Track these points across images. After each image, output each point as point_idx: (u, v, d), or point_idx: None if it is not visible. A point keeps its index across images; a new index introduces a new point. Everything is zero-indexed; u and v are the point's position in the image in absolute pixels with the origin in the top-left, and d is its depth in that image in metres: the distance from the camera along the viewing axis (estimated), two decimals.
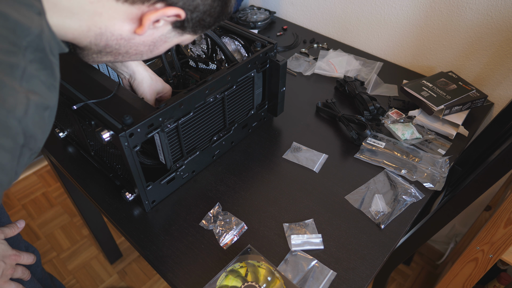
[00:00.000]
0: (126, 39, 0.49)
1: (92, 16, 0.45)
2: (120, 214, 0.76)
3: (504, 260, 0.92)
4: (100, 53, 0.51)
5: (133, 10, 0.46)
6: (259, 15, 1.40)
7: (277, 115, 0.94)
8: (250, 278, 0.63)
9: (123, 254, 1.63)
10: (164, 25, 0.49)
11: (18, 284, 0.72)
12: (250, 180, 0.83)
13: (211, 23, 0.53)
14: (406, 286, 1.51)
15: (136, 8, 0.46)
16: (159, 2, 0.46)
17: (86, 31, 0.46)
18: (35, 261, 1.01)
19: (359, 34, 1.27)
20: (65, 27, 0.44)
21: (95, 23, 0.45)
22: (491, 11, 0.97)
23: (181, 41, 0.55)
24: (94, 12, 0.44)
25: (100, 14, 0.45)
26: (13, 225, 0.73)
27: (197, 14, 0.50)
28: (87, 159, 0.86)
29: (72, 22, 0.44)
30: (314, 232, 0.72)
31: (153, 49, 0.53)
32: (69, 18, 0.43)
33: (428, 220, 0.92)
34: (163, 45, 0.53)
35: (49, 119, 0.43)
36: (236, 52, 0.89)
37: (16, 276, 0.72)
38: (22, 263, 0.73)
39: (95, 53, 0.51)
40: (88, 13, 0.44)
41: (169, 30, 0.51)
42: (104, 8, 0.44)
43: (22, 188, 1.90)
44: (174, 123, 0.68)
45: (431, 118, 0.96)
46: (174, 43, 0.54)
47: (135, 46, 0.51)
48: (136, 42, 0.50)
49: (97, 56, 0.52)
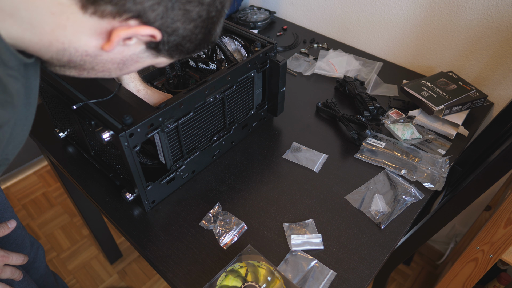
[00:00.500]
0: (92, 55, 0.44)
1: (54, 29, 0.39)
2: (120, 214, 0.76)
3: (504, 260, 0.92)
4: (63, 67, 0.46)
5: (103, 24, 0.40)
6: (259, 15, 1.40)
7: (277, 115, 0.94)
8: (250, 278, 0.63)
9: (123, 254, 1.63)
10: (136, 44, 0.44)
11: (6, 286, 0.72)
12: (250, 180, 0.83)
13: (191, 49, 0.48)
14: (406, 286, 1.51)
15: (106, 22, 0.40)
16: (132, 18, 0.40)
17: (48, 46, 0.41)
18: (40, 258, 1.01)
19: (359, 34, 1.27)
20: (24, 41, 0.40)
21: (57, 38, 0.40)
22: (491, 11, 0.97)
23: (155, 63, 0.50)
24: (57, 25, 0.39)
25: (63, 27, 0.39)
26: (4, 225, 0.72)
27: (175, 38, 0.44)
28: (87, 159, 0.86)
29: (32, 35, 0.39)
30: (314, 232, 0.72)
31: (122, 68, 0.48)
32: (28, 31, 0.39)
33: (428, 220, 0.92)
34: (134, 65, 0.48)
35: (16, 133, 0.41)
36: (236, 52, 0.89)
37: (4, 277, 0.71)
38: (11, 263, 0.72)
39: (58, 66, 0.46)
40: (50, 25, 0.39)
41: (142, 50, 0.45)
42: (68, 21, 0.39)
43: (22, 188, 1.90)
44: (174, 123, 0.68)
45: (431, 118, 0.96)
46: (147, 63, 0.49)
47: (102, 63, 0.45)
48: (103, 59, 0.45)
49: (61, 69, 0.47)
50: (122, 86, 0.71)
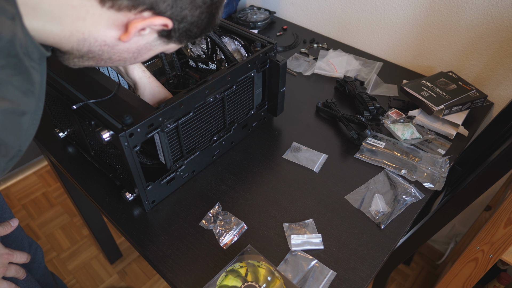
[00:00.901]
0: (110, 45, 0.47)
1: (74, 21, 0.43)
2: (120, 214, 0.76)
3: (504, 260, 0.92)
4: (81, 58, 0.50)
5: (119, 17, 0.44)
6: (259, 15, 1.40)
7: (277, 115, 0.94)
8: (250, 278, 0.63)
9: (123, 254, 1.63)
10: (150, 33, 0.48)
11: (11, 283, 0.72)
12: (250, 180, 0.83)
13: (197, 34, 0.52)
14: (406, 286, 1.51)
15: (122, 15, 0.44)
16: (146, 10, 0.44)
17: (69, 36, 0.44)
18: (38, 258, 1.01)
19: (359, 34, 1.27)
20: (46, 32, 0.42)
21: (78, 29, 0.44)
22: (491, 11, 0.97)
23: (166, 50, 0.54)
24: (77, 17, 0.42)
25: (83, 19, 0.43)
26: (6, 224, 0.73)
27: (184, 25, 0.49)
28: (87, 159, 0.86)
29: (53, 26, 0.42)
30: (314, 232, 0.72)
31: (137, 56, 0.52)
32: (50, 23, 0.42)
33: (428, 220, 0.92)
34: (147, 53, 0.53)
35: (30, 124, 0.42)
36: (236, 52, 0.89)
37: (9, 275, 0.72)
38: (15, 262, 0.73)
39: (77, 57, 0.50)
40: (71, 18, 0.42)
41: (155, 38, 0.50)
42: (87, 14, 0.43)
43: (22, 188, 1.90)
44: (174, 123, 0.68)
45: (431, 118, 0.96)
46: (158, 51, 0.54)
47: (119, 52, 0.49)
48: (120, 49, 0.49)
49: (79, 61, 0.51)
50: (121, 86, 0.71)
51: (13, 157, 0.43)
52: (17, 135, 0.41)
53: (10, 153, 0.41)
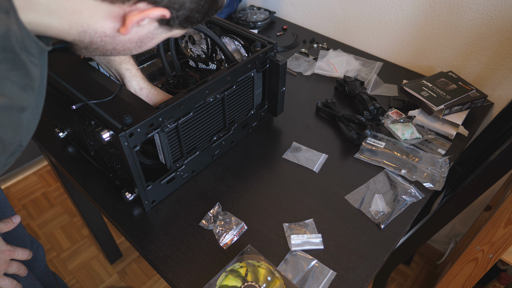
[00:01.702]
0: (110, 36, 0.47)
1: (71, 13, 0.43)
2: (120, 214, 0.76)
3: (504, 260, 0.92)
4: (87, 48, 0.50)
5: (114, 9, 0.44)
6: (259, 15, 1.40)
7: (277, 115, 0.94)
8: (250, 278, 0.63)
9: (123, 254, 1.63)
10: (149, 23, 0.48)
11: (12, 280, 0.72)
12: (250, 180, 0.83)
13: (200, 19, 0.51)
14: (406, 286, 1.51)
15: (117, 7, 0.44)
16: (141, 1, 0.44)
17: (68, 28, 0.44)
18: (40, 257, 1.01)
19: (359, 34, 1.27)
20: (44, 25, 0.42)
21: (76, 21, 0.44)
22: (491, 11, 0.97)
23: (171, 36, 0.54)
24: (73, 10, 0.42)
25: (79, 11, 0.43)
26: (9, 220, 0.73)
27: (184, 12, 0.48)
28: (87, 159, 0.86)
29: (51, 20, 0.42)
30: (314, 232, 0.72)
31: (141, 45, 0.52)
32: (47, 16, 0.41)
33: (428, 220, 0.92)
34: (151, 41, 0.52)
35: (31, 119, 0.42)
36: (236, 52, 0.89)
37: (11, 272, 0.72)
38: (17, 258, 0.73)
39: (83, 48, 0.50)
40: (67, 10, 0.42)
41: (156, 27, 0.49)
42: (83, 6, 0.42)
43: (22, 188, 1.90)
44: (174, 123, 0.68)
45: (431, 118, 0.96)
46: (163, 38, 0.53)
47: (122, 43, 0.49)
48: (121, 40, 0.49)
49: (86, 51, 0.51)
50: (123, 86, 0.71)
51: (13, 152, 0.43)
52: (16, 131, 0.40)
53: (9, 149, 0.41)
